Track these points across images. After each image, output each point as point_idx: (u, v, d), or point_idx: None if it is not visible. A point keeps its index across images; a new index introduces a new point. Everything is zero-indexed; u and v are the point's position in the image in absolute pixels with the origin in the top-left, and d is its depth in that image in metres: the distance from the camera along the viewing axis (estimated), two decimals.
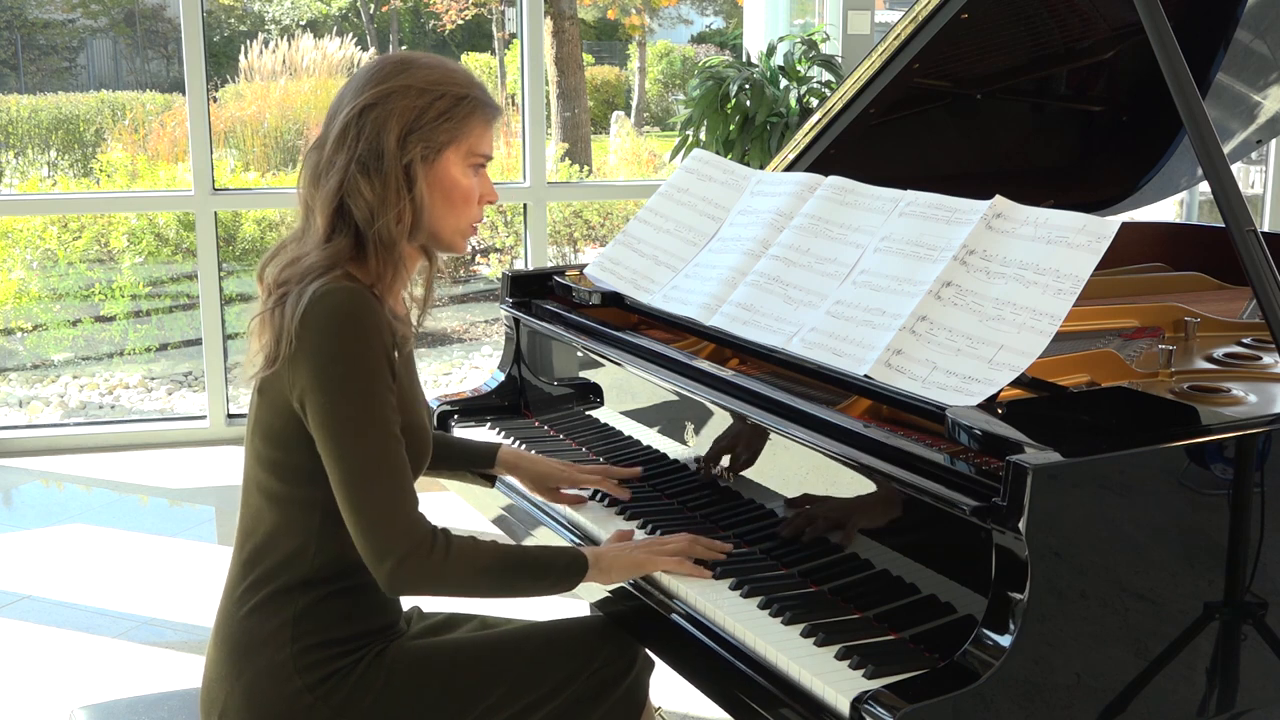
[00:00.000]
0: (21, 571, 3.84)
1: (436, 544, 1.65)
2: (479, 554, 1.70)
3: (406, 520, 1.64)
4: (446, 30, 16.70)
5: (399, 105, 1.71)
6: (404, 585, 1.66)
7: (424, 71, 1.75)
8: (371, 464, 1.63)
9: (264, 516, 1.75)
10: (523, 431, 2.47)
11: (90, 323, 7.62)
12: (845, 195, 2.07)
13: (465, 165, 1.77)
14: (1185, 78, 1.77)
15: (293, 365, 1.65)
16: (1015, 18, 2.71)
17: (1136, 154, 2.95)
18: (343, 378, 1.63)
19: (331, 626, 1.74)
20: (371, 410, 1.64)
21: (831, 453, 1.70)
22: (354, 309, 1.65)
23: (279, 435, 1.71)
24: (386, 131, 1.71)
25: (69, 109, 12.13)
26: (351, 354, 1.64)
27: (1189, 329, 2.24)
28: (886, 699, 1.38)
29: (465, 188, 1.78)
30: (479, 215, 1.83)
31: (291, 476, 1.72)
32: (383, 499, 1.64)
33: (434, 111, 1.73)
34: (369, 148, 1.71)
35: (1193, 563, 1.53)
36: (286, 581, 1.73)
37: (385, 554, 1.63)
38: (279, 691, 1.70)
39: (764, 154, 5.05)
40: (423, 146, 1.72)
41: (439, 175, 1.75)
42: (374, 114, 1.71)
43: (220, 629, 1.78)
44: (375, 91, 1.73)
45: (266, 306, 1.71)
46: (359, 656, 1.74)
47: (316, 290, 1.65)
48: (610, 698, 1.86)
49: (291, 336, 1.64)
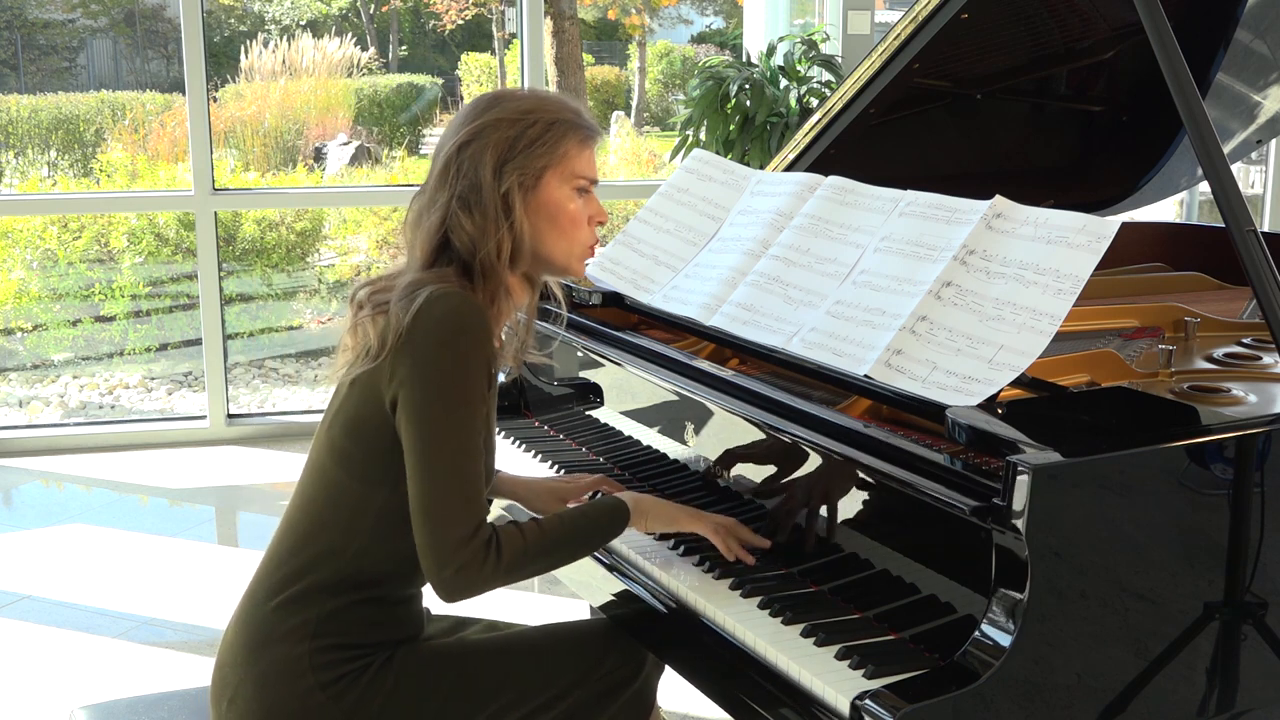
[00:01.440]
0: (21, 571, 3.84)
1: (490, 551, 1.66)
2: (527, 543, 1.71)
3: (473, 531, 1.65)
4: (446, 30, 16.70)
5: (493, 138, 1.75)
6: (459, 593, 1.66)
7: (515, 102, 1.79)
8: (452, 469, 1.65)
9: (314, 508, 1.76)
10: (523, 431, 2.47)
11: (90, 323, 7.61)
12: (845, 195, 2.07)
13: (569, 189, 1.79)
14: (1185, 78, 1.77)
15: (396, 358, 1.66)
16: (1015, 18, 2.71)
17: (1136, 154, 2.95)
18: (444, 379, 1.65)
19: (353, 632, 1.74)
20: (464, 416, 1.66)
21: (831, 453, 1.70)
22: (468, 315, 1.67)
23: (360, 428, 1.72)
24: (482, 165, 1.74)
25: (69, 109, 12.13)
26: (457, 358, 1.65)
27: (1189, 329, 2.24)
28: (886, 699, 1.38)
29: (571, 211, 1.80)
30: (592, 237, 1.84)
31: (358, 472, 1.73)
32: (456, 506, 1.64)
33: (526, 139, 1.75)
34: (468, 183, 1.74)
35: (1193, 563, 1.53)
36: (318, 580, 1.73)
37: (449, 561, 1.63)
38: (291, 687, 1.71)
39: (764, 154, 5.05)
40: (519, 174, 1.75)
41: (542, 201, 1.78)
42: (470, 150, 1.75)
43: (244, 613, 1.78)
44: (470, 128, 1.76)
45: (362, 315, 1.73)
46: (371, 660, 1.75)
47: (434, 291, 1.67)
48: (618, 700, 1.87)
49: (402, 329, 1.66)
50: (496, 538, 1.67)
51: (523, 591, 3.67)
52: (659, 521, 1.85)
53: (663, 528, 1.86)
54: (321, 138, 11.25)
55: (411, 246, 1.79)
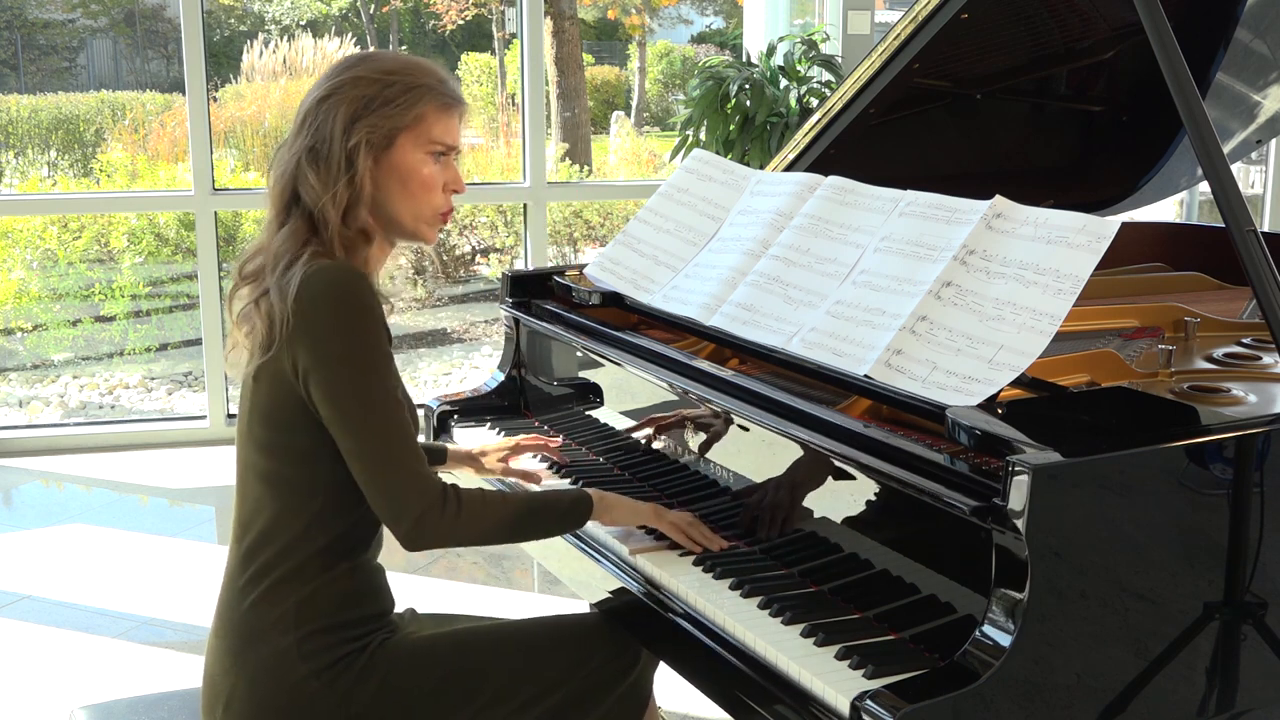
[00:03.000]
0: (21, 571, 3.84)
1: (448, 500, 1.70)
2: (488, 505, 1.76)
3: (421, 480, 1.69)
4: (447, 30, 16.70)
5: (350, 94, 1.76)
6: (422, 541, 1.70)
7: (380, 63, 1.81)
8: (384, 430, 1.68)
9: (263, 505, 1.76)
10: (523, 432, 2.47)
11: (90, 323, 7.62)
12: (845, 195, 2.07)
13: (423, 153, 1.79)
14: (1185, 78, 1.77)
15: (291, 344, 1.68)
16: (1015, 18, 2.71)
17: (1136, 154, 2.95)
18: (346, 350, 1.67)
19: (332, 612, 1.75)
20: (377, 379, 1.68)
21: (831, 453, 1.70)
22: (347, 283, 1.69)
23: (278, 417, 1.73)
24: (335, 119, 1.75)
25: (69, 109, 12.14)
26: (352, 327, 1.67)
27: (1189, 329, 2.24)
28: (886, 699, 1.38)
29: (424, 176, 1.79)
30: (444, 204, 1.84)
31: (292, 458, 1.74)
32: (397, 461, 1.68)
33: (382, 99, 1.76)
34: (319, 136, 1.75)
35: (1193, 563, 1.53)
36: (287, 570, 1.74)
37: (403, 513, 1.68)
38: (284, 680, 1.71)
39: (764, 154, 5.05)
40: (368, 131, 1.75)
41: (394, 162, 1.78)
42: (327, 104, 1.76)
43: (221, 622, 1.78)
44: (331, 83, 1.78)
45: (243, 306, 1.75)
46: (362, 644, 1.76)
47: (307, 270, 1.68)
48: (612, 695, 1.87)
49: (288, 315, 1.67)
50: (455, 491, 1.72)
51: (522, 591, 3.67)
52: (623, 515, 1.91)
53: (625, 523, 1.92)
54: None
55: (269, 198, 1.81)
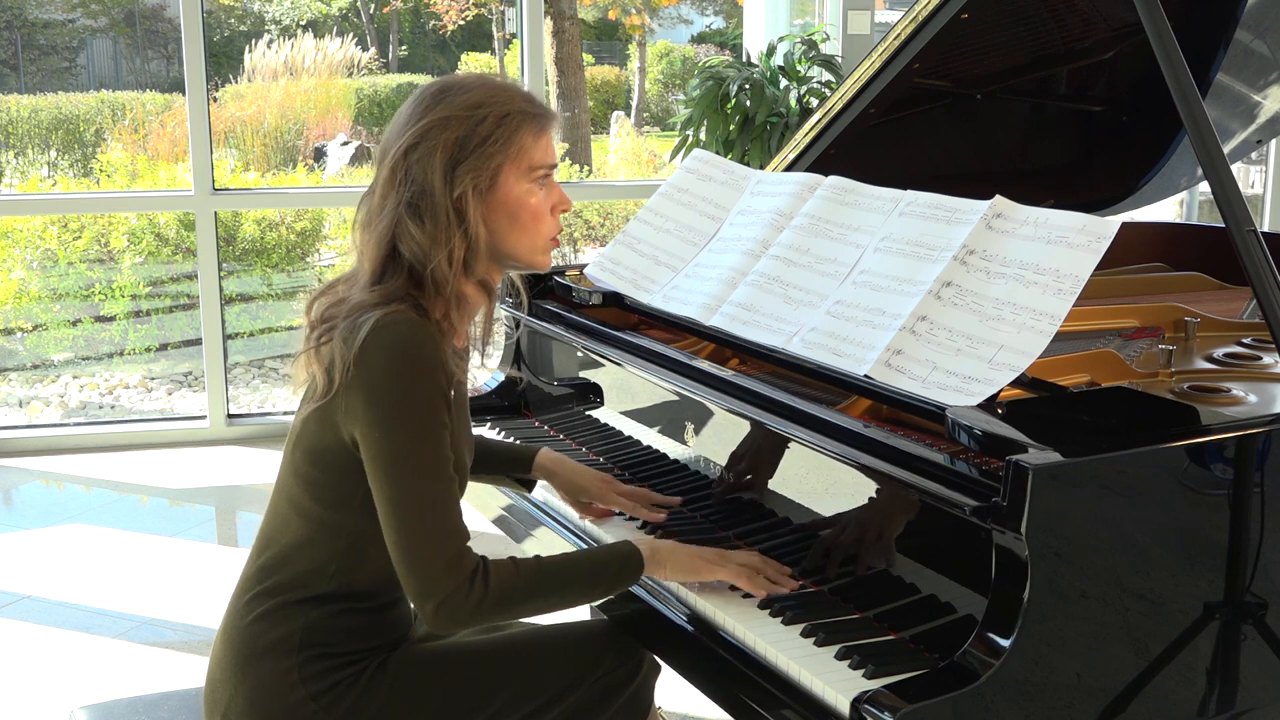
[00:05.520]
0: (21, 571, 3.84)
1: (475, 583, 1.61)
2: (520, 577, 1.65)
3: (450, 563, 1.60)
4: (447, 31, 16.70)
5: (441, 139, 1.65)
6: (449, 624, 1.63)
7: (462, 97, 1.68)
8: (423, 504, 1.60)
9: (290, 528, 1.73)
10: (523, 432, 2.47)
11: (90, 323, 7.61)
12: (845, 195, 2.07)
13: (528, 182, 1.71)
14: (1185, 78, 1.77)
15: (348, 393, 1.61)
16: (1015, 18, 2.71)
17: (1136, 154, 2.95)
18: (400, 414, 1.60)
19: (339, 641, 1.72)
20: (426, 449, 1.61)
21: (831, 453, 1.70)
22: (415, 342, 1.61)
23: (322, 456, 1.68)
24: (431, 169, 1.64)
25: (69, 109, 12.14)
26: (410, 389, 1.60)
27: (1189, 329, 2.24)
28: (886, 699, 1.38)
29: (533, 205, 1.72)
30: (556, 227, 1.77)
31: (327, 498, 1.69)
32: (430, 540, 1.60)
33: (478, 137, 1.66)
34: (417, 189, 1.65)
35: (1193, 563, 1.53)
36: (300, 595, 1.71)
37: (429, 595, 1.60)
38: (282, 700, 1.69)
39: (764, 154, 5.05)
40: (473, 176, 1.66)
41: (500, 200, 1.69)
42: (418, 152, 1.65)
43: (227, 629, 1.77)
44: (417, 129, 1.66)
45: (311, 343, 1.67)
46: (363, 667, 1.73)
47: (379, 320, 1.61)
48: (615, 703, 1.85)
49: (349, 364, 1.60)
50: (485, 568, 1.63)
51: None
52: (679, 571, 1.75)
53: (684, 578, 1.76)
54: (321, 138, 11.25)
55: (361, 253, 1.70)
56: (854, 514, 1.70)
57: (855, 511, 1.70)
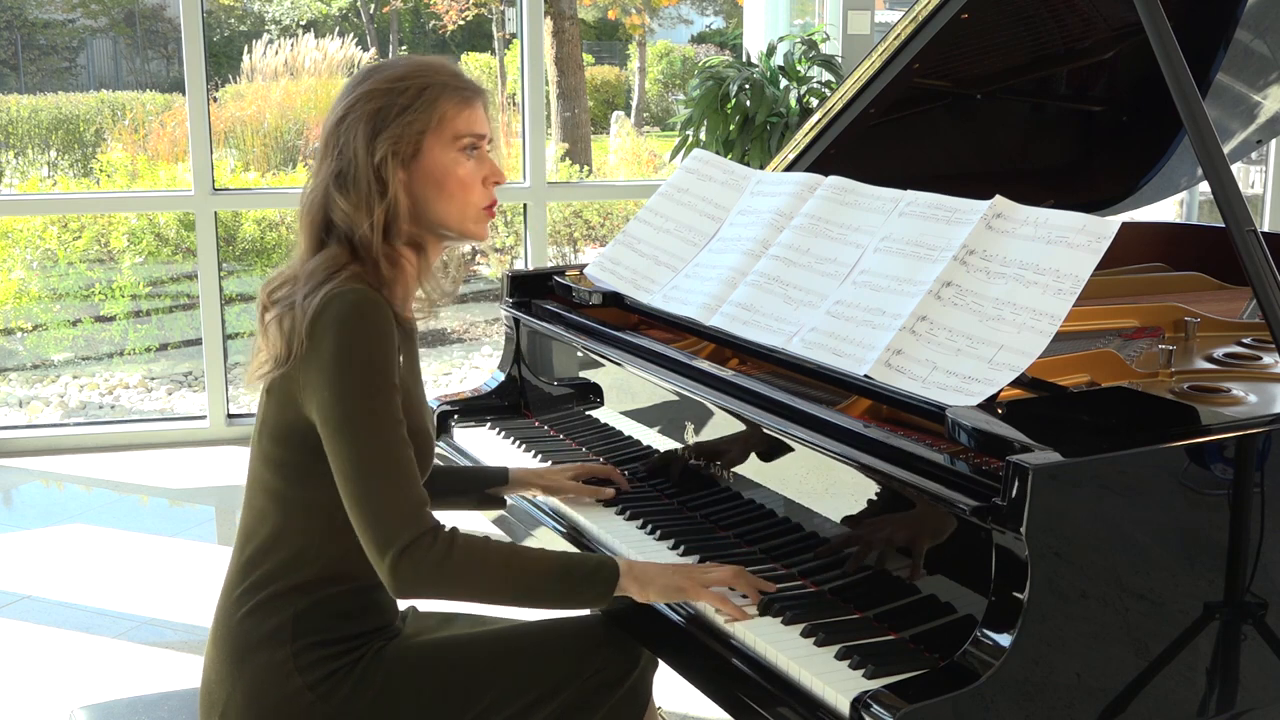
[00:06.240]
0: (21, 571, 3.84)
1: (440, 537, 1.63)
2: (489, 551, 1.66)
3: (410, 514, 1.62)
4: (447, 31, 16.70)
5: (364, 109, 1.72)
6: (408, 580, 1.62)
7: (388, 71, 1.76)
8: (376, 460, 1.63)
9: (267, 518, 1.75)
10: (523, 432, 2.47)
11: (90, 323, 7.62)
12: (845, 195, 2.07)
13: (454, 151, 1.75)
14: (1185, 78, 1.77)
15: (304, 365, 1.66)
16: (1015, 18, 2.71)
17: (1136, 154, 2.96)
18: (350, 376, 1.64)
19: (330, 627, 1.74)
20: (377, 406, 1.64)
21: (831, 453, 1.70)
22: (360, 311, 1.65)
23: (286, 434, 1.72)
24: (355, 139, 1.71)
25: (69, 109, 12.14)
26: (360, 354, 1.64)
27: (1189, 329, 2.24)
28: (886, 699, 1.38)
29: (460, 175, 1.76)
30: (486, 198, 1.80)
31: (297, 476, 1.72)
32: (386, 493, 1.62)
33: (397, 107, 1.72)
34: (343, 158, 1.72)
35: (1193, 563, 1.53)
36: (286, 584, 1.73)
37: (387, 546, 1.60)
38: (279, 691, 1.70)
39: (764, 154, 5.05)
40: (393, 143, 1.71)
41: (427, 168, 1.74)
42: (344, 124, 1.73)
43: (218, 630, 1.78)
44: (345, 103, 1.75)
45: (270, 317, 1.72)
46: (358, 655, 1.74)
47: (329, 291, 1.66)
48: (612, 698, 1.85)
49: (303, 337, 1.65)
50: (453, 532, 1.65)
51: None
52: (659, 593, 1.72)
53: (667, 598, 1.73)
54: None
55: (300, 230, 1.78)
56: (854, 514, 1.70)
57: (855, 512, 1.70)
